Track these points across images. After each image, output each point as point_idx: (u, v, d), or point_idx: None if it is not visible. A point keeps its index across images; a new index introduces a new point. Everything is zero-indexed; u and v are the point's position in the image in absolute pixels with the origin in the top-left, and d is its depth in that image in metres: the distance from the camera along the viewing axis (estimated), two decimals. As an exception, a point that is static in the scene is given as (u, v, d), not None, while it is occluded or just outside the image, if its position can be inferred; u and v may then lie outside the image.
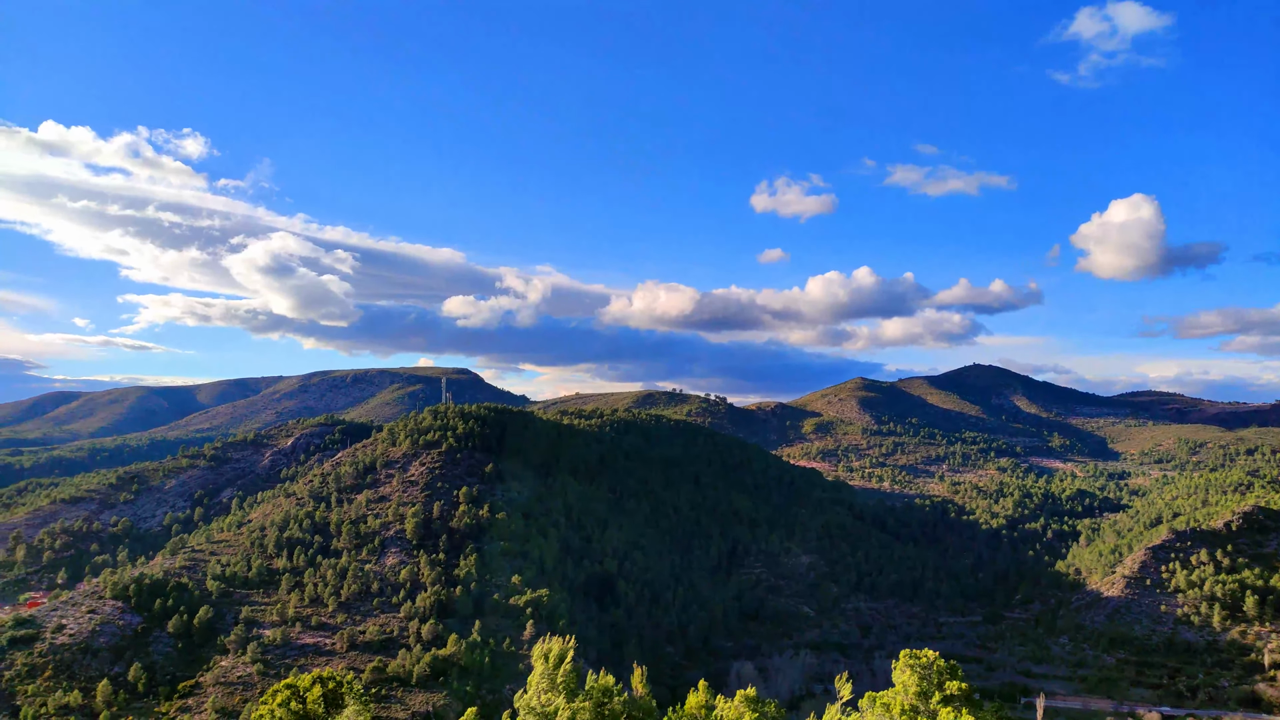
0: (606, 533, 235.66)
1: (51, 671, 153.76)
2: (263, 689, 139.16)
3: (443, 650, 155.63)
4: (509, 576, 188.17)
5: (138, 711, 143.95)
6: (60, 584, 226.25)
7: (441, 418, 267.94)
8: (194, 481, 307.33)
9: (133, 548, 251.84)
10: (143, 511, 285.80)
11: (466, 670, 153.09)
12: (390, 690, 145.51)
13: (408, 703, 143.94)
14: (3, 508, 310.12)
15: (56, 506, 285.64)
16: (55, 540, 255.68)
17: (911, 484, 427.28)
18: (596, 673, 42.83)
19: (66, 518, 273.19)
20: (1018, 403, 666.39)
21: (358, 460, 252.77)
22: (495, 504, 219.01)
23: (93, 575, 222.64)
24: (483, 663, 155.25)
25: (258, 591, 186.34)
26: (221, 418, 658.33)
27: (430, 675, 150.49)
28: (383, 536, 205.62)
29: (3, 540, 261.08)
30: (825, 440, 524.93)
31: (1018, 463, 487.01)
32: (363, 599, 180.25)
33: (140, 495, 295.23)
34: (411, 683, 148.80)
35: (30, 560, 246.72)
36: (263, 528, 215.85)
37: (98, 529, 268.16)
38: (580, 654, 41.36)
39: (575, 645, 44.31)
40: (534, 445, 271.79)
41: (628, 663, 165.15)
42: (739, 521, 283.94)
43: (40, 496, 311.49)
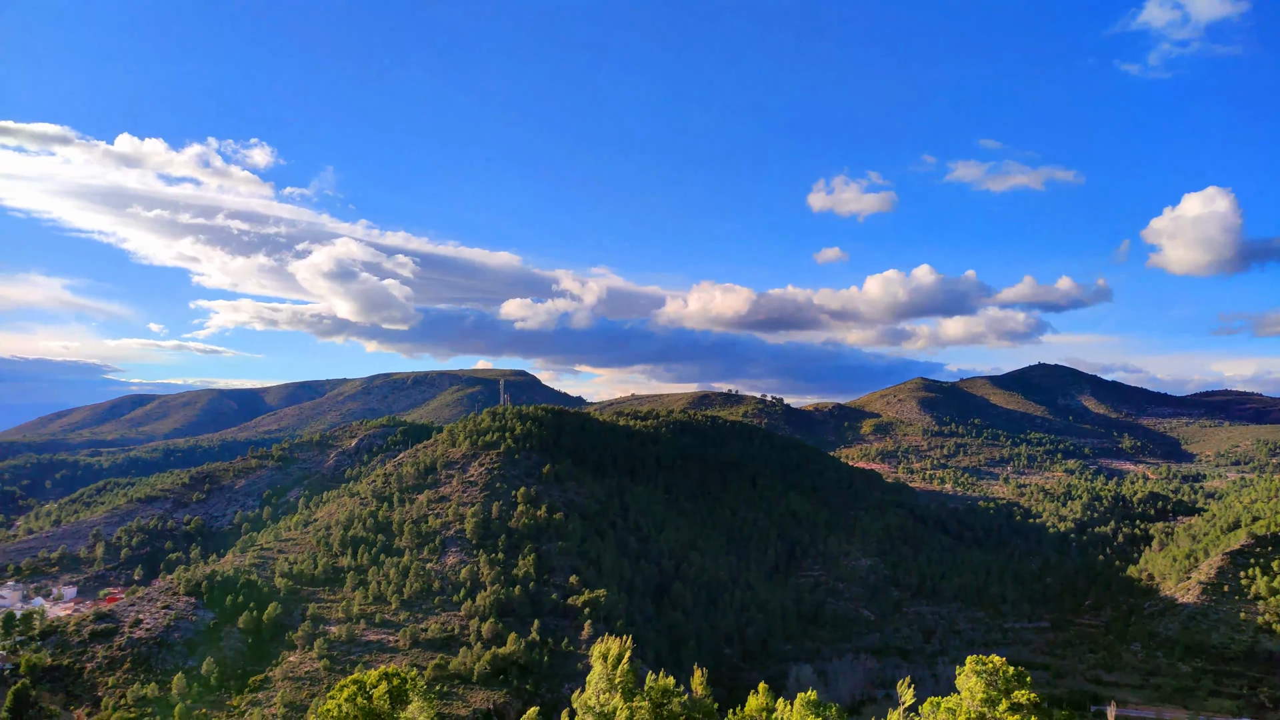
0: (663, 534, 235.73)
1: (130, 664, 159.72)
2: (329, 684, 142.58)
3: (502, 649, 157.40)
4: (567, 576, 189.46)
5: (210, 705, 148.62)
6: (137, 580, 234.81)
7: (499, 419, 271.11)
8: (262, 481, 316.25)
9: (205, 545, 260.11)
10: (214, 510, 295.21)
11: (526, 669, 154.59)
12: (452, 687, 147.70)
13: (469, 700, 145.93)
14: (84, 506, 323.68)
15: (133, 505, 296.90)
16: (132, 538, 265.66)
17: (975, 486, 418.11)
18: (655, 673, 42.89)
19: (143, 516, 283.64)
20: (1086, 403, 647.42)
21: (418, 461, 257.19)
22: (553, 504, 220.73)
23: (167, 572, 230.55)
24: (541, 662, 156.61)
25: (324, 589, 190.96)
26: (288, 419, 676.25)
27: (490, 673, 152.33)
28: (443, 536, 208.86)
29: (83, 537, 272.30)
30: (884, 442, 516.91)
31: (1086, 465, 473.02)
32: (424, 597, 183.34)
33: (212, 495, 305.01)
34: (472, 680, 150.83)
35: (109, 557, 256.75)
36: (328, 526, 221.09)
37: (172, 527, 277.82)
38: (638, 654, 41.43)
39: (633, 646, 44.45)
40: (591, 446, 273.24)
41: (686, 664, 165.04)
42: (797, 523, 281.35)
43: (118, 496, 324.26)
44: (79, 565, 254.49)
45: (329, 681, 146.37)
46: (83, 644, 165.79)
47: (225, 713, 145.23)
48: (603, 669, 42.59)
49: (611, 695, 41.16)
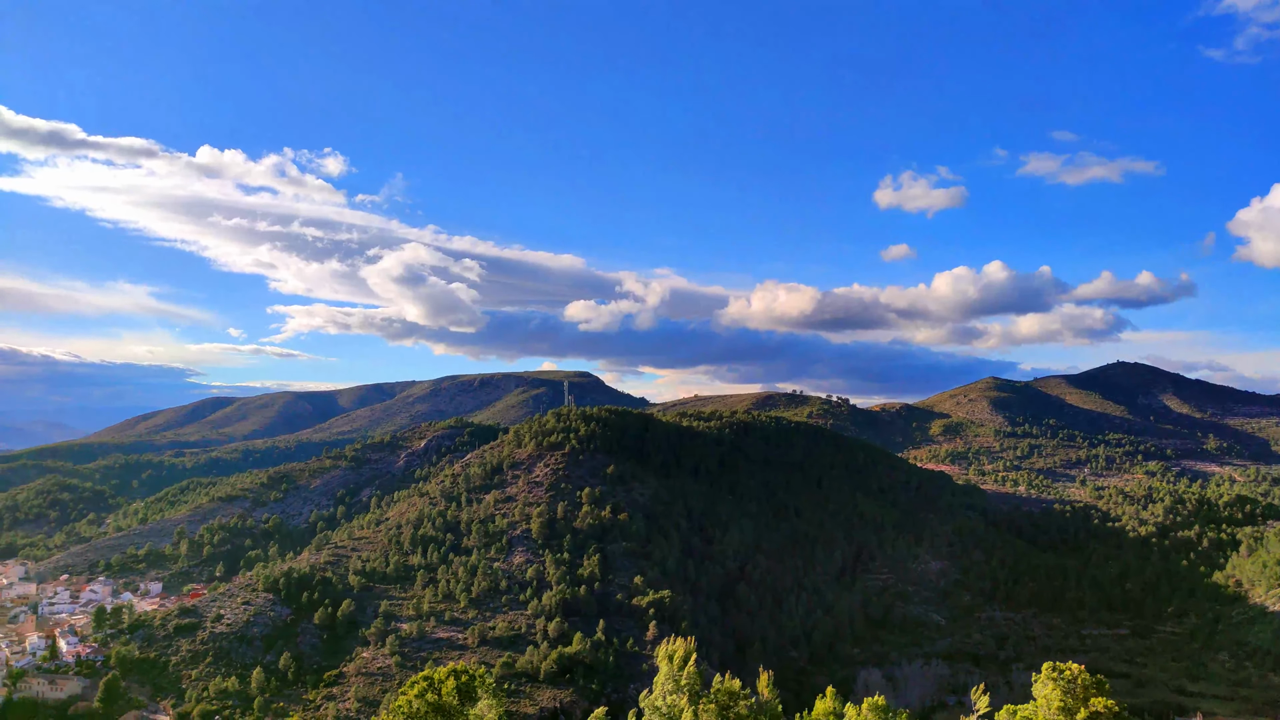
0: (728, 535, 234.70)
1: (212, 658, 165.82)
2: (401, 680, 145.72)
3: (568, 648, 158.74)
4: (631, 577, 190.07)
5: (288, 698, 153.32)
6: (218, 576, 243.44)
7: (564, 420, 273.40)
8: (336, 481, 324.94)
9: (282, 543, 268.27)
10: (291, 509, 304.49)
11: (592, 668, 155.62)
12: (519, 686, 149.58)
13: (536, 698, 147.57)
14: (169, 505, 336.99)
15: (214, 504, 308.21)
16: (214, 536, 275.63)
17: (1050, 489, 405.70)
18: (720, 675, 42.80)
19: (223, 515, 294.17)
20: (1168, 402, 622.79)
21: (485, 461, 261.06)
22: (617, 505, 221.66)
23: (247, 569, 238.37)
24: (607, 661, 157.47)
25: (395, 586, 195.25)
26: (360, 421, 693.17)
27: (557, 672, 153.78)
28: (510, 535, 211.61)
29: (168, 535, 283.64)
30: (954, 443, 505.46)
31: (1168, 466, 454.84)
32: (492, 596, 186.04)
33: (288, 494, 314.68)
34: (539, 679, 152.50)
35: (192, 554, 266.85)
36: (399, 526, 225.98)
37: (251, 525, 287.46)
38: (703, 656, 41.43)
39: (697, 647, 44.43)
40: (654, 447, 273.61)
41: (751, 666, 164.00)
42: (864, 526, 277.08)
43: (200, 495, 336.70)
44: (164, 562, 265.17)
45: (400, 678, 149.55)
46: (168, 638, 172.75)
47: (302, 707, 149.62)
48: (668, 670, 42.67)
49: (678, 696, 41.22)
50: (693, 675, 41.65)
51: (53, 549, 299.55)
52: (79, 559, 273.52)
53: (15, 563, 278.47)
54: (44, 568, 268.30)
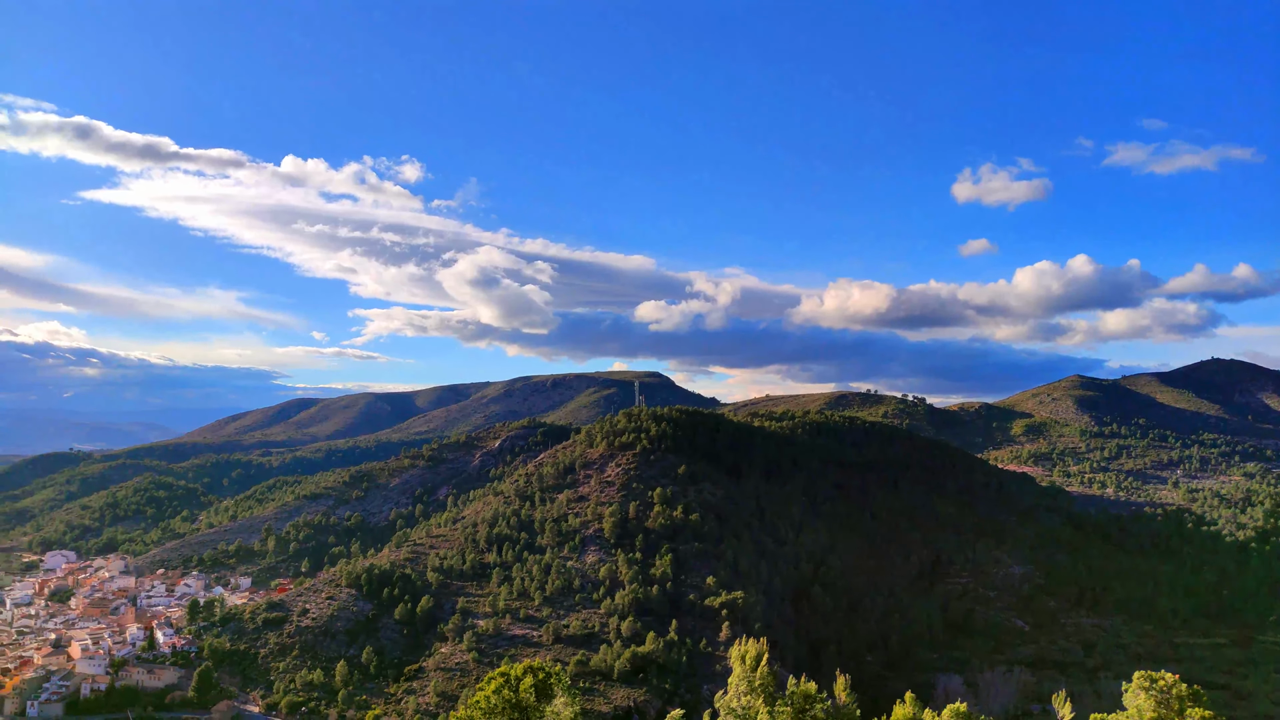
0: (801, 536, 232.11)
1: (298, 651, 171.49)
2: (478, 675, 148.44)
3: (641, 647, 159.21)
4: (703, 577, 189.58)
5: (370, 691, 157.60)
6: (304, 572, 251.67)
7: (635, 420, 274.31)
8: (414, 480, 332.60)
9: (364, 540, 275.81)
10: (371, 507, 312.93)
11: (665, 668, 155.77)
12: (593, 684, 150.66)
13: (610, 697, 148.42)
14: (257, 502, 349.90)
15: (300, 502, 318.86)
16: (299, 532, 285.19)
17: (1139, 491, 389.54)
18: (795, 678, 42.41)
19: (308, 512, 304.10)
20: (1267, 401, 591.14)
21: (558, 461, 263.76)
22: (688, 505, 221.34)
23: (330, 565, 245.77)
24: (680, 661, 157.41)
25: (471, 584, 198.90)
26: (436, 421, 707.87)
27: (630, 671, 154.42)
28: (582, 535, 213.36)
29: (256, 532, 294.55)
30: (1037, 443, 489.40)
31: (1268, 468, 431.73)
32: (565, 594, 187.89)
33: (369, 493, 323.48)
34: (613, 677, 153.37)
35: (279, 550, 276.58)
36: (474, 524, 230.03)
37: (334, 523, 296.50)
38: (776, 658, 40.85)
39: (771, 648, 44.10)
40: (725, 447, 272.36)
41: (826, 670, 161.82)
42: (942, 528, 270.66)
43: (286, 493, 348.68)
44: (253, 557, 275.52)
45: (478, 673, 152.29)
46: (257, 631, 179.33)
47: (383, 700, 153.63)
48: (742, 671, 42.48)
49: (753, 698, 41.01)
50: (767, 677, 41.37)
51: (150, 544, 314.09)
52: (174, 554, 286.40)
53: (116, 557, 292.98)
54: (142, 562, 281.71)
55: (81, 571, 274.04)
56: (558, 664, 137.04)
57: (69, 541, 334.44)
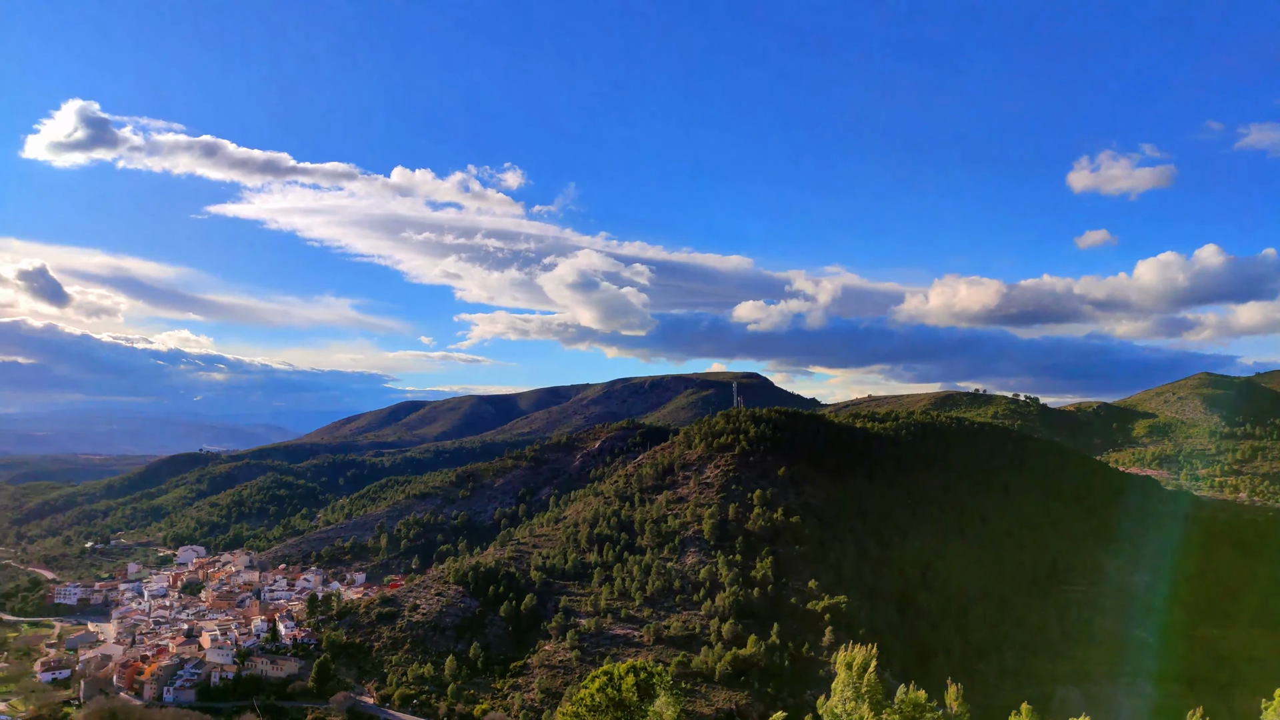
0: (906, 540, 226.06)
1: (409, 645, 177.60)
2: (581, 674, 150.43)
3: (743, 650, 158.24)
4: (805, 580, 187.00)
5: (477, 686, 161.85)
6: (414, 568, 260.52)
7: (733, 421, 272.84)
8: (517, 480, 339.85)
9: (470, 538, 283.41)
10: (477, 506, 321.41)
11: (766, 671, 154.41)
12: (694, 685, 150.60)
13: (711, 699, 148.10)
14: (370, 501, 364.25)
15: (410, 501, 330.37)
16: (410, 530, 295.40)
17: (1277, 496, 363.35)
18: (904, 686, 41.36)
19: (418, 511, 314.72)
20: None
21: (657, 462, 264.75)
22: (789, 507, 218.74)
23: (439, 562, 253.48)
24: (782, 665, 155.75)
25: (573, 583, 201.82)
26: (538, 422, 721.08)
27: (731, 674, 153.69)
28: (682, 536, 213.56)
29: (370, 529, 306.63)
30: (1161, 445, 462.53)
31: None
32: (665, 595, 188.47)
33: (475, 492, 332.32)
34: (714, 680, 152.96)
35: (391, 547, 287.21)
36: (576, 524, 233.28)
37: (442, 521, 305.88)
38: (883, 665, 39.73)
39: (878, 655, 43.14)
40: (826, 449, 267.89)
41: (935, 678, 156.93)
42: (1058, 534, 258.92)
43: (397, 492, 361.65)
44: (366, 554, 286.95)
45: (580, 671, 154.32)
46: (371, 625, 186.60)
47: (490, 695, 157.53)
48: (848, 677, 41.72)
49: (859, 705, 40.21)
50: (874, 683, 40.50)
51: (272, 540, 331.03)
52: (294, 550, 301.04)
53: (241, 552, 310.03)
54: (265, 557, 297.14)
55: (210, 566, 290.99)
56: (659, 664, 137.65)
57: (199, 537, 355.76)
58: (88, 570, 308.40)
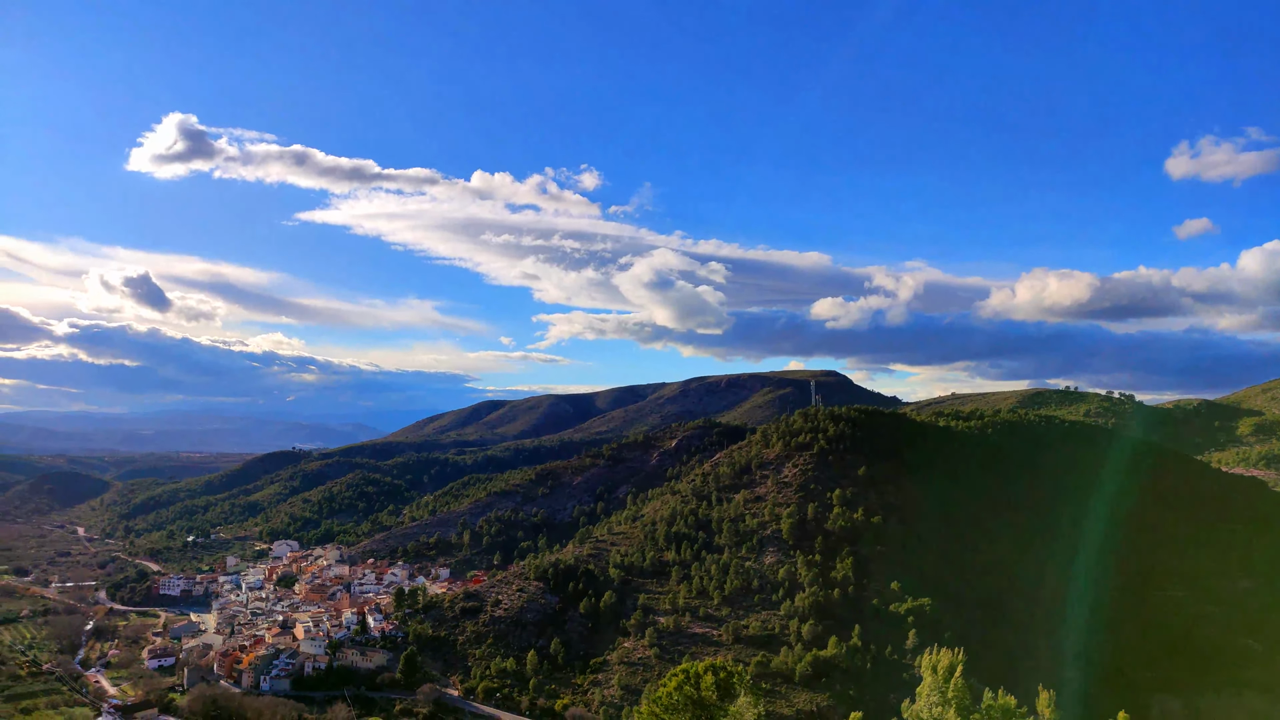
0: (992, 543, 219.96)
1: (492, 640, 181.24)
2: (660, 671, 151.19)
3: (823, 651, 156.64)
4: (886, 582, 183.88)
5: (558, 681, 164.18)
6: (495, 564, 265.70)
7: (812, 420, 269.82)
8: (595, 478, 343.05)
9: (549, 536, 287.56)
10: (556, 504, 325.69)
11: (848, 674, 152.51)
12: (774, 686, 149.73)
13: (791, 700, 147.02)
14: (453, 498, 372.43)
15: (491, 499, 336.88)
16: (491, 527, 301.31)
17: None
18: (992, 692, 40.54)
19: (499, 509, 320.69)
20: None
21: (734, 461, 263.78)
22: (869, 507, 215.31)
23: (519, 558, 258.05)
24: (864, 668, 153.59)
25: (651, 581, 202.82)
26: (615, 421, 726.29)
27: (812, 675, 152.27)
28: (760, 535, 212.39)
29: (453, 526, 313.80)
30: (1269, 444, 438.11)
31: None
32: (744, 595, 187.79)
33: (553, 490, 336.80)
34: (794, 680, 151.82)
35: (473, 543, 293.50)
36: (653, 522, 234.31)
37: (522, 518, 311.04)
38: (969, 669, 38.79)
39: (964, 659, 42.40)
40: (908, 448, 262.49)
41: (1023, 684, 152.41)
42: (1154, 537, 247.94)
43: (479, 490, 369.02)
44: (450, 549, 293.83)
45: (659, 669, 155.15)
46: (455, 619, 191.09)
47: (571, 690, 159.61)
48: (934, 681, 41.14)
49: (945, 709, 39.62)
50: (961, 688, 39.84)
51: (360, 535, 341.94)
52: (381, 545, 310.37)
53: (332, 547, 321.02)
54: (354, 552, 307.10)
55: (303, 559, 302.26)
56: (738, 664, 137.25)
57: (292, 532, 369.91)
58: (190, 563, 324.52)
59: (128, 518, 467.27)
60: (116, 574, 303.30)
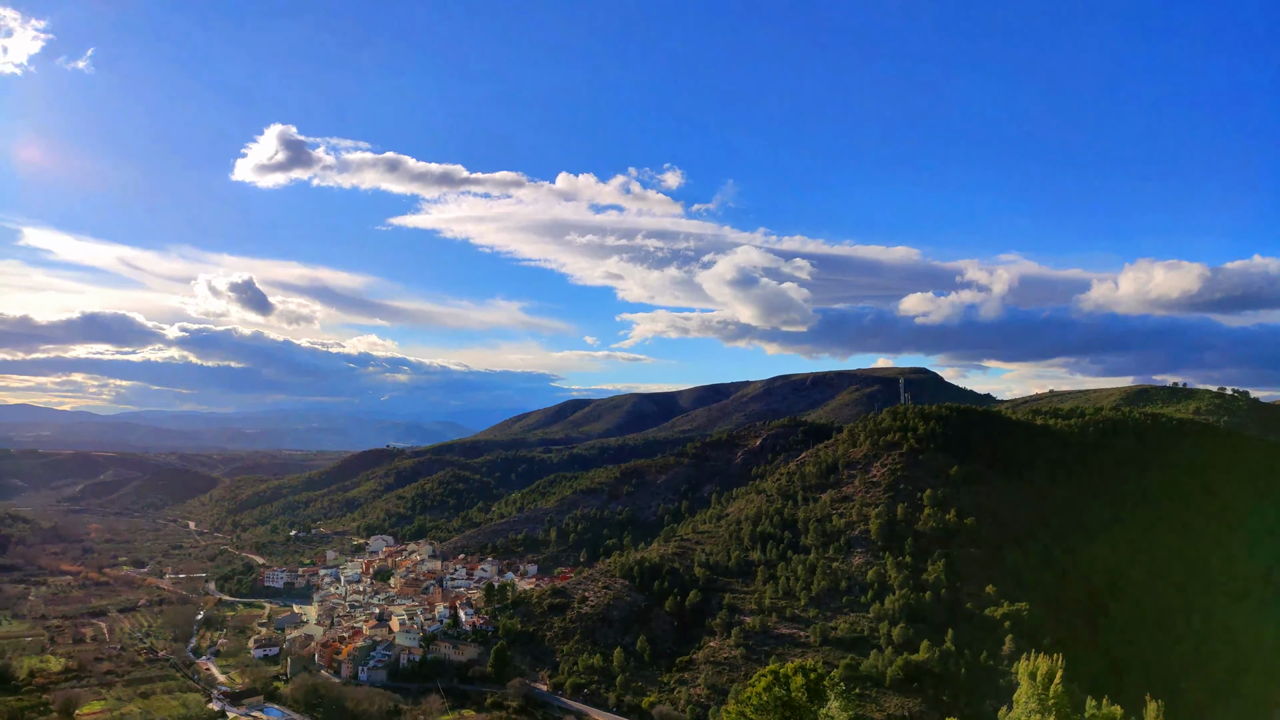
0: (1095, 545, 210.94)
1: (579, 636, 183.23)
2: (746, 672, 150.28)
3: (915, 655, 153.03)
4: (981, 585, 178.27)
5: (644, 679, 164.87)
6: (582, 561, 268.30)
7: (900, 418, 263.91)
8: (679, 477, 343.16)
9: (634, 534, 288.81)
10: (640, 502, 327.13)
11: (941, 679, 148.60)
12: (864, 689, 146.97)
13: (882, 704, 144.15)
14: (540, 496, 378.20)
15: (577, 496, 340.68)
16: (577, 524, 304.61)
17: None
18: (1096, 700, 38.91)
19: (584, 506, 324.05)
20: None
21: (820, 460, 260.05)
22: (962, 508, 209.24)
23: (605, 556, 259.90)
24: (958, 673, 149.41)
25: (736, 580, 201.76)
26: (698, 420, 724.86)
27: (903, 679, 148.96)
28: (848, 536, 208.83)
29: (540, 523, 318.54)
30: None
31: None
32: (831, 596, 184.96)
33: (638, 488, 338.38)
34: (885, 684, 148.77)
35: (560, 540, 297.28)
36: (738, 521, 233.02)
37: (607, 516, 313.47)
38: (1070, 677, 37.10)
39: (1064, 666, 40.81)
40: (1003, 448, 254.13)
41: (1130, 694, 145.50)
42: (1274, 540, 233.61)
43: (565, 488, 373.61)
44: (537, 546, 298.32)
45: (746, 669, 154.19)
46: (543, 615, 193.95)
47: (657, 688, 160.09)
48: (1032, 688, 39.74)
49: (1044, 717, 38.22)
50: (1061, 696, 38.37)
51: (451, 531, 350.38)
52: (472, 541, 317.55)
53: (425, 542, 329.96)
54: (446, 547, 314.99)
55: (398, 554, 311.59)
56: (828, 666, 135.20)
57: (387, 527, 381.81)
58: (292, 556, 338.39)
59: (234, 512, 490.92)
60: (224, 566, 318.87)
